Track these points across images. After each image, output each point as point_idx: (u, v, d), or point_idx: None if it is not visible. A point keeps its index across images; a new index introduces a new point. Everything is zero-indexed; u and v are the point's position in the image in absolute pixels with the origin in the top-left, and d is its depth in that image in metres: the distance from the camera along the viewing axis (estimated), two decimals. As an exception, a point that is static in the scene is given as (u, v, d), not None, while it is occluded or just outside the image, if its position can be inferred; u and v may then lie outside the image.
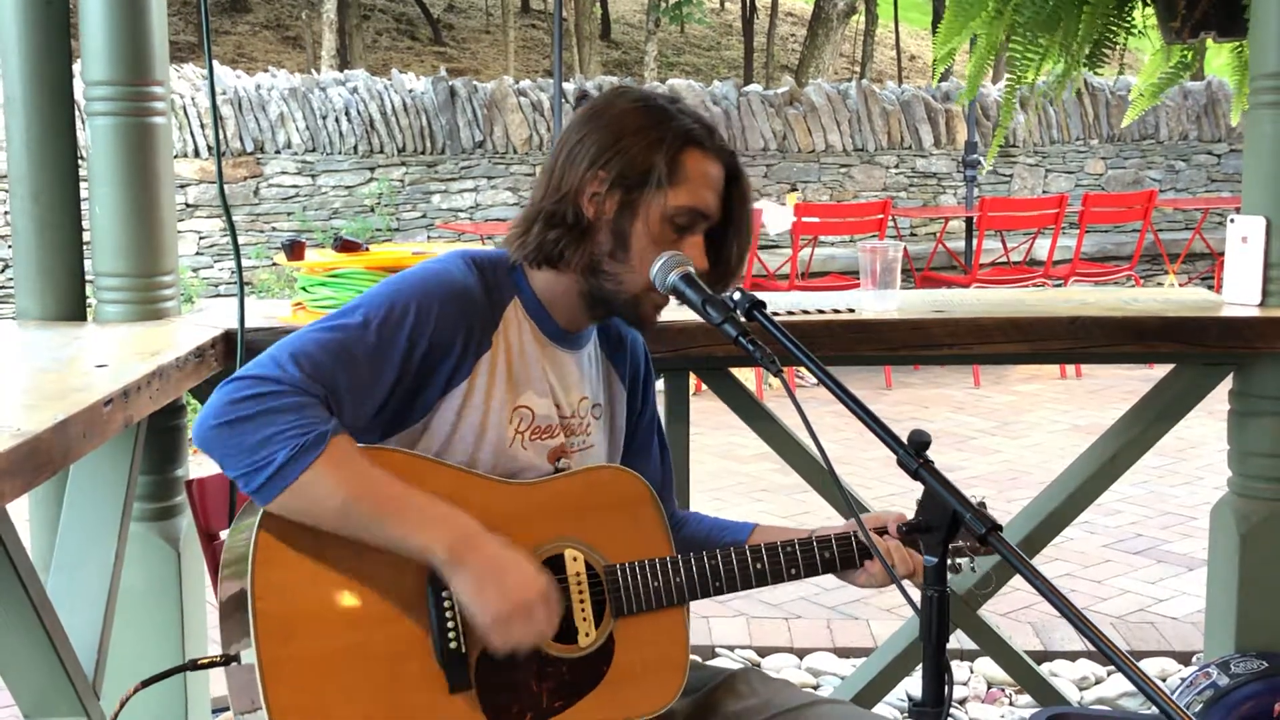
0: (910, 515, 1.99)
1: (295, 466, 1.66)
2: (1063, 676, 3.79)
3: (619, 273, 1.88)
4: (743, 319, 1.78)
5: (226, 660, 1.76)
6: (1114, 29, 3.35)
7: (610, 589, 1.88)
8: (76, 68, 2.65)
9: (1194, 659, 3.79)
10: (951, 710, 3.52)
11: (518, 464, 1.90)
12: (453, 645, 1.76)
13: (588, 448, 2.00)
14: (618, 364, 2.09)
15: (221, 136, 9.46)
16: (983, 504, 1.57)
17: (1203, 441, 6.51)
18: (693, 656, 1.97)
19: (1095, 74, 3.37)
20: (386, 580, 1.74)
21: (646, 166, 1.84)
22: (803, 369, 1.93)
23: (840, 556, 1.97)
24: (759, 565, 1.94)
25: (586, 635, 1.86)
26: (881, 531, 1.99)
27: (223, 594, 1.78)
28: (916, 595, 1.57)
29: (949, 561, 2.01)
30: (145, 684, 1.87)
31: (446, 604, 1.76)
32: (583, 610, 1.86)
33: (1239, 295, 2.93)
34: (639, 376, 2.13)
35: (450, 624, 1.76)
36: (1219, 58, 3.93)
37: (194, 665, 1.86)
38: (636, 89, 1.94)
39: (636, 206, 1.86)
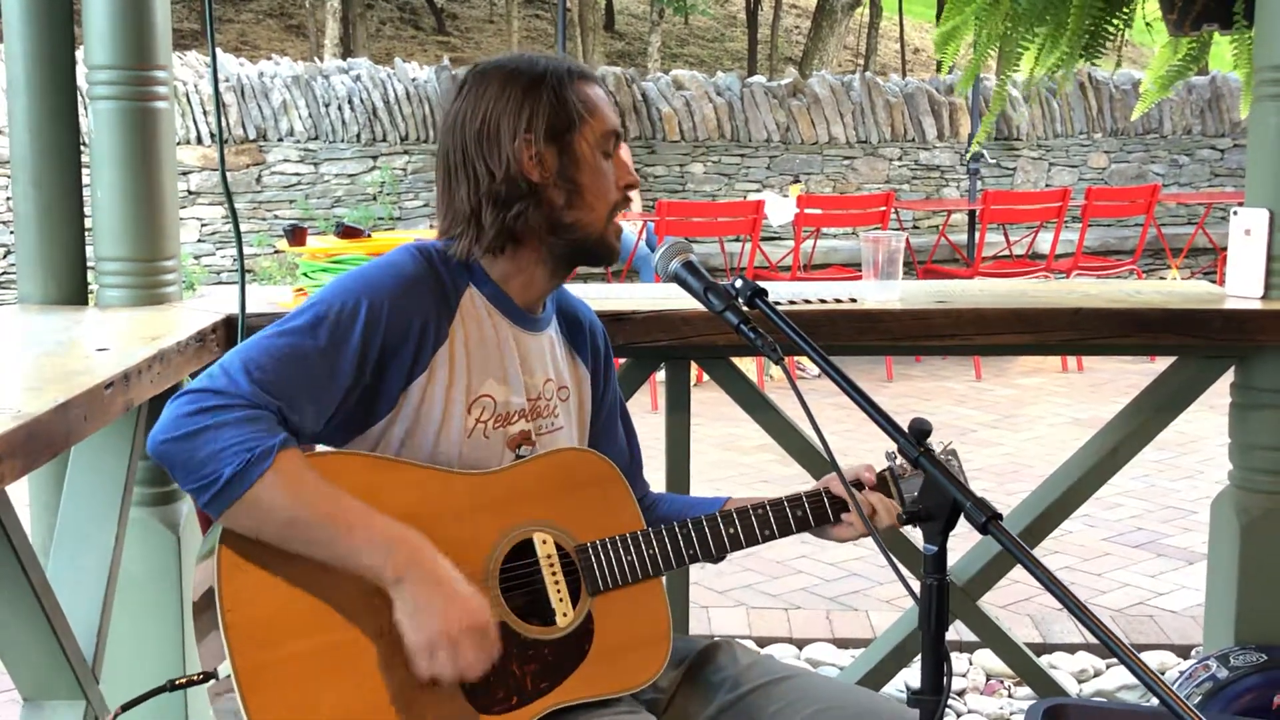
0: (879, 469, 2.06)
1: (241, 483, 1.65)
2: (1062, 669, 3.80)
3: (580, 217, 1.92)
4: (744, 307, 1.78)
5: (206, 678, 1.74)
6: (1109, 20, 3.35)
7: (583, 567, 1.88)
8: (80, 54, 2.65)
9: (1193, 652, 3.79)
10: (950, 701, 3.54)
11: (478, 454, 1.89)
12: None
13: (556, 429, 2.00)
14: (578, 346, 2.10)
15: (224, 124, 9.45)
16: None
17: (1203, 436, 6.50)
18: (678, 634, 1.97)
19: (1094, 65, 3.35)
20: (354, 577, 1.73)
21: (564, 110, 1.89)
22: (803, 359, 1.93)
23: (813, 513, 1.99)
24: (731, 530, 1.96)
25: (564, 615, 1.86)
26: (857, 486, 2.02)
27: (196, 610, 1.77)
28: (917, 586, 1.57)
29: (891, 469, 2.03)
30: (125, 707, 1.83)
31: None
32: (558, 591, 1.86)
33: (1241, 288, 2.93)
34: (600, 357, 2.14)
35: None
36: (1226, 51, 3.92)
37: (172, 686, 1.82)
38: (483, 64, 1.96)
39: (573, 148, 1.90)
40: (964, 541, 2.50)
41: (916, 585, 1.56)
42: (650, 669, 1.90)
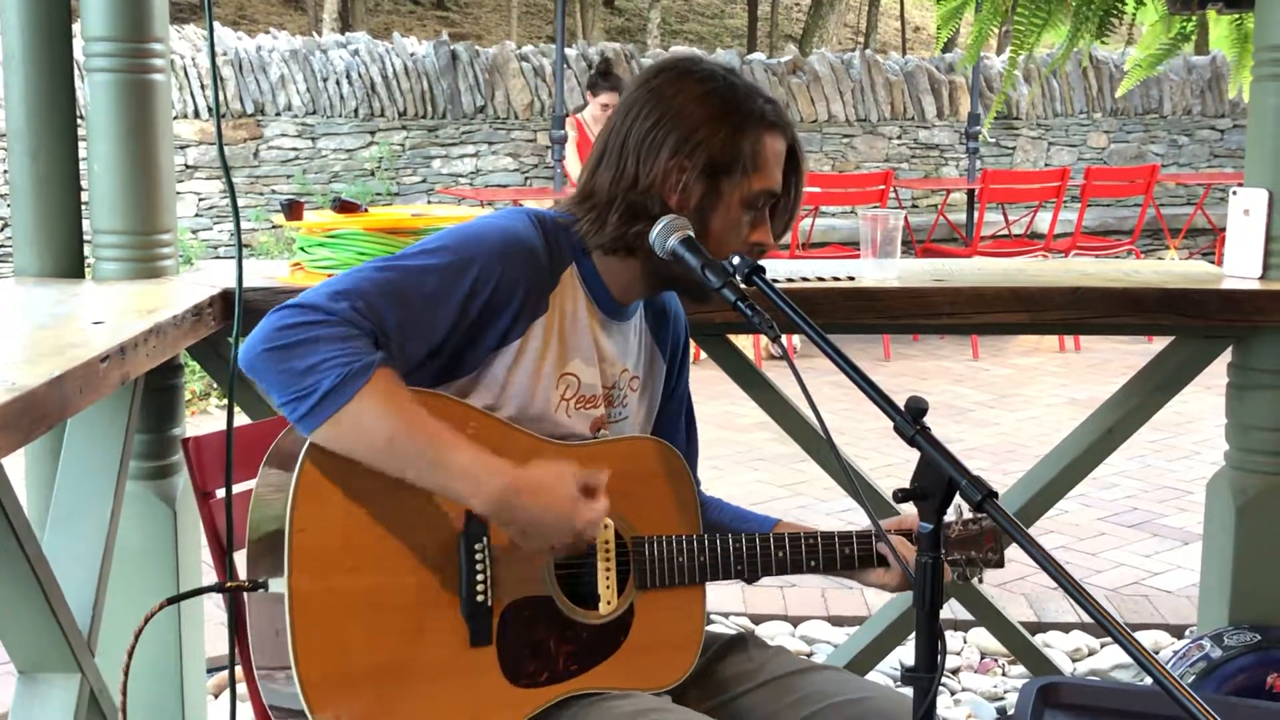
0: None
1: (340, 395, 1.64)
2: (1056, 648, 3.81)
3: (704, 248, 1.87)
4: (742, 284, 1.78)
5: (254, 586, 1.76)
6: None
7: (636, 560, 1.89)
8: (76, 26, 2.64)
9: (1187, 632, 3.80)
10: (944, 680, 3.55)
11: (560, 430, 1.89)
12: (479, 598, 1.77)
13: (623, 419, 1.99)
14: (660, 337, 2.08)
15: (221, 98, 9.42)
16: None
17: (1200, 417, 6.51)
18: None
19: (1101, 45, 3.36)
20: (422, 527, 1.75)
21: (732, 155, 1.83)
22: (800, 339, 1.93)
23: (860, 555, 1.98)
24: (780, 554, 1.96)
25: (608, 604, 1.87)
26: (905, 533, 2.00)
27: (253, 531, 1.78)
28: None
29: (956, 570, 2.03)
30: (171, 601, 1.87)
31: (478, 556, 1.77)
32: (607, 578, 1.87)
33: (1240, 268, 2.92)
34: (678, 351, 2.12)
35: (480, 576, 1.77)
36: (1220, 30, 3.92)
37: (222, 586, 1.85)
38: (697, 65, 1.90)
39: (720, 193, 1.85)
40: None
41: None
42: (676, 673, 1.92)
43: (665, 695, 1.91)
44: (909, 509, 1.98)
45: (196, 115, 9.39)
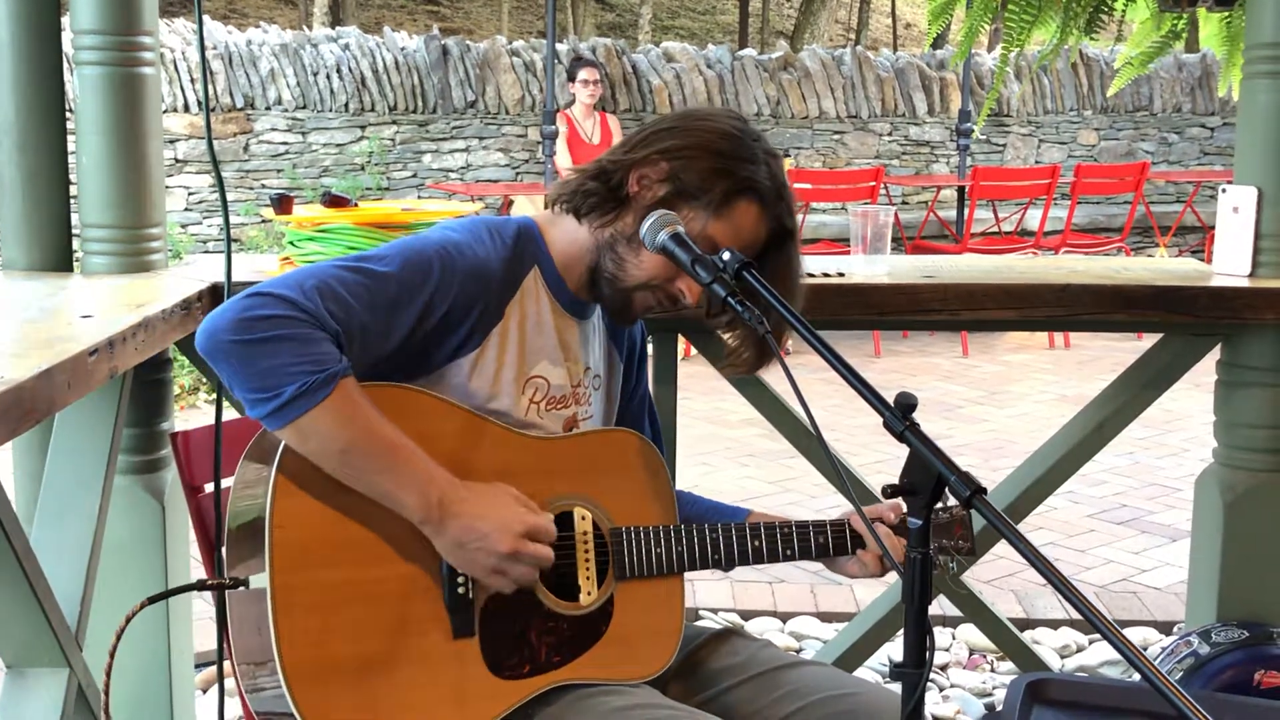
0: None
1: (302, 403, 1.65)
2: (1045, 644, 3.81)
3: (625, 259, 1.89)
4: (731, 280, 1.77)
5: (235, 583, 1.77)
6: (1112, -5, 3.35)
7: (615, 551, 1.90)
8: (66, 20, 2.63)
9: (1175, 629, 3.81)
10: (933, 676, 3.55)
11: (531, 433, 1.90)
12: (460, 590, 1.78)
13: (587, 418, 2.01)
14: (617, 336, 2.10)
15: (211, 92, 9.40)
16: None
17: (1188, 414, 6.53)
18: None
19: (1091, 42, 3.36)
20: (402, 521, 1.75)
21: (705, 186, 1.85)
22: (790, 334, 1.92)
23: (834, 541, 2.00)
24: (757, 543, 1.97)
25: (588, 594, 1.88)
26: (880, 523, 2.02)
27: (233, 534, 1.79)
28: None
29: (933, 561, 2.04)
30: (152, 600, 1.87)
31: None
32: (587, 570, 1.88)
33: (1229, 265, 2.93)
34: (635, 350, 2.14)
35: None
36: (1210, 28, 3.92)
37: (203, 585, 1.86)
38: (737, 117, 1.93)
39: (674, 210, 1.85)
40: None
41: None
42: (658, 662, 1.93)
43: (651, 688, 1.91)
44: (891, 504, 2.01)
45: (186, 109, 9.37)
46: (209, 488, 2.08)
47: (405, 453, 1.72)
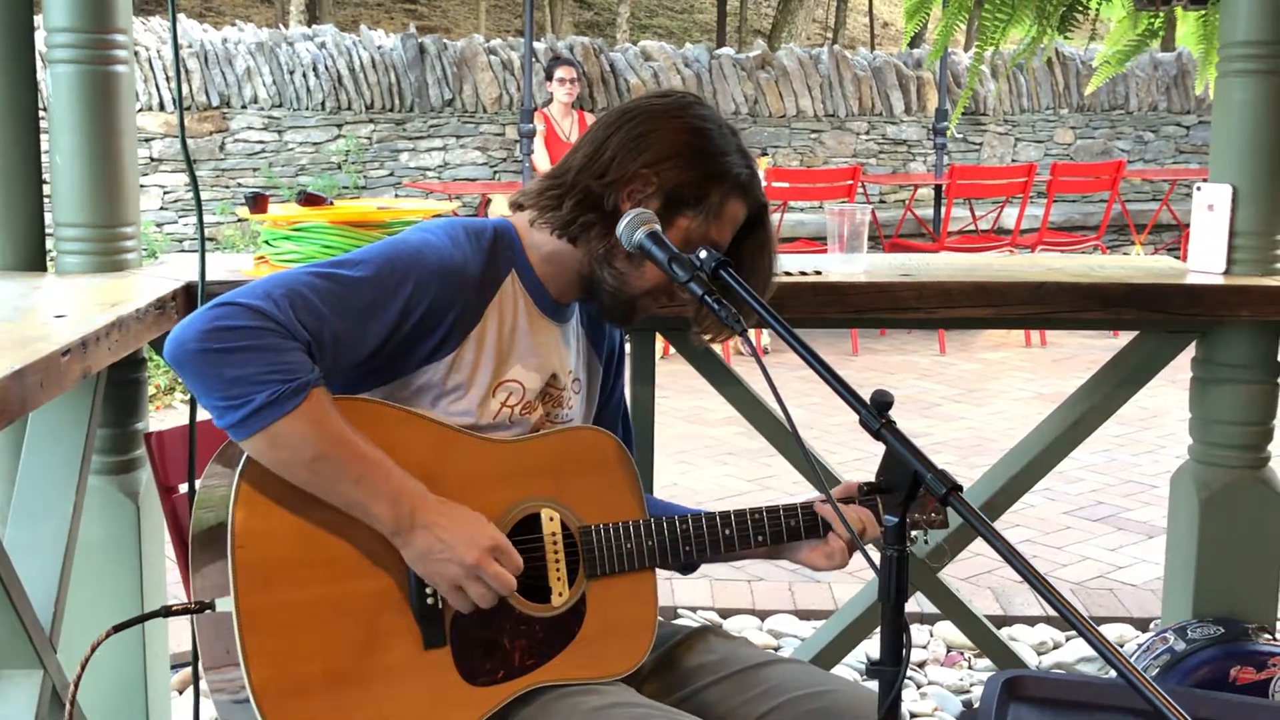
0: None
1: (273, 412, 1.64)
2: (1021, 641, 3.83)
3: (627, 273, 1.89)
4: (708, 278, 1.77)
5: (201, 607, 1.75)
6: (1084, -7, 3.35)
7: (585, 550, 1.89)
8: (40, 19, 2.61)
9: (1151, 625, 3.83)
10: (910, 672, 3.56)
11: (503, 436, 1.89)
12: (429, 601, 1.77)
13: (567, 421, 2.00)
14: (596, 340, 2.09)
15: (187, 90, 9.35)
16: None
17: (1164, 411, 6.55)
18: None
19: (1066, 40, 3.38)
20: (366, 533, 1.74)
21: (700, 194, 1.86)
22: (769, 334, 1.93)
23: (805, 525, 2.00)
24: (727, 532, 1.97)
25: (560, 595, 1.87)
26: (848, 500, 2.02)
27: (196, 543, 1.77)
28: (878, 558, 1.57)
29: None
30: (118, 628, 1.85)
31: None
32: (557, 570, 1.88)
33: (1204, 263, 2.94)
34: (614, 354, 2.14)
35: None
36: (1186, 27, 3.94)
37: (168, 611, 1.84)
38: (701, 106, 1.92)
39: (674, 222, 1.86)
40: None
41: (877, 556, 1.56)
42: (633, 657, 1.92)
43: (628, 686, 1.90)
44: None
45: (162, 108, 9.32)
46: (183, 488, 2.07)
47: (376, 463, 1.71)
